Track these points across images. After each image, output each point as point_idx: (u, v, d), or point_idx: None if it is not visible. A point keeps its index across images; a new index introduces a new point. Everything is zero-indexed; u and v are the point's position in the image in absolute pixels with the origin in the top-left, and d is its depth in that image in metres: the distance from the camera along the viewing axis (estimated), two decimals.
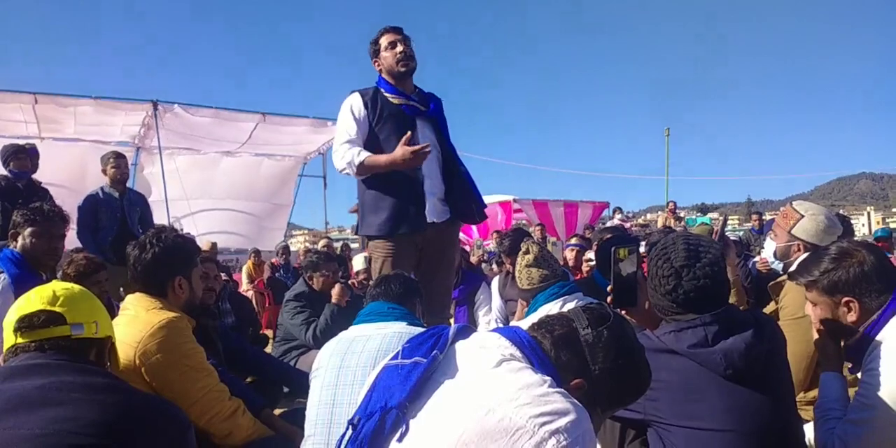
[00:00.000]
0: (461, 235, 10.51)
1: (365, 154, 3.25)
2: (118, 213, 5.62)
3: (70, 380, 1.40)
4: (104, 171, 5.74)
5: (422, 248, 3.46)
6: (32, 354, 1.47)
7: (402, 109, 3.36)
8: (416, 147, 3.09)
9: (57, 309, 1.53)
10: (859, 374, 1.83)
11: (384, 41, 3.38)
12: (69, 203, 5.38)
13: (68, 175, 9.23)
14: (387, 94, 3.38)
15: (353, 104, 3.38)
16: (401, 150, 3.11)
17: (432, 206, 3.37)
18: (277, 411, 2.97)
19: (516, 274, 3.02)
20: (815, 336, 1.99)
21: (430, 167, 3.35)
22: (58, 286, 1.62)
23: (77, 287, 1.67)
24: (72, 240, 5.60)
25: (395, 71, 3.35)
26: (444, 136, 3.49)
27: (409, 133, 3.16)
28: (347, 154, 3.28)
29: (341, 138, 3.36)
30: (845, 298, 1.83)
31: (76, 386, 1.39)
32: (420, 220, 3.31)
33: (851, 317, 1.83)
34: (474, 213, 3.56)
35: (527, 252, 2.95)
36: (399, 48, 3.33)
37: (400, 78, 3.39)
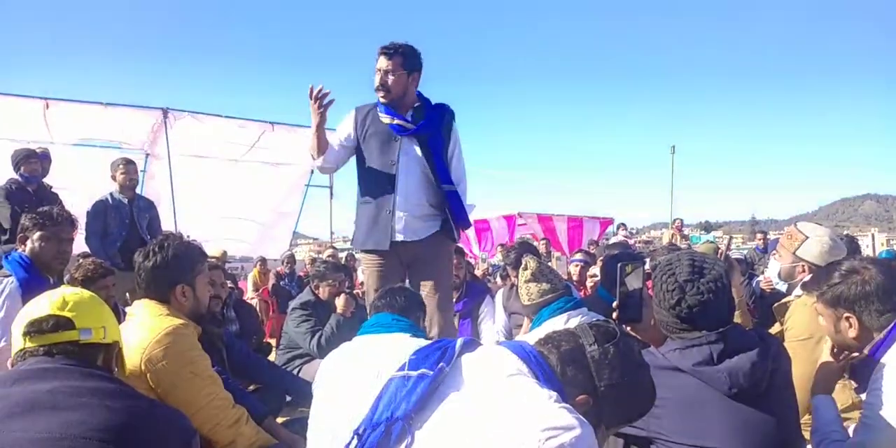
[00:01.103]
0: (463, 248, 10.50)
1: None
2: (127, 219, 5.65)
3: (78, 385, 1.41)
4: (114, 177, 5.78)
5: (408, 264, 3.50)
6: (41, 358, 1.48)
7: (391, 128, 3.40)
8: (315, 92, 3.21)
9: (66, 314, 1.54)
10: (863, 396, 1.83)
11: (376, 63, 3.36)
12: (78, 208, 5.42)
13: (78, 180, 9.28)
14: (379, 113, 3.42)
15: (347, 119, 3.53)
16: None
17: (404, 224, 3.38)
18: (280, 420, 2.97)
19: (518, 290, 3.02)
20: (827, 357, 2.00)
21: (406, 184, 3.38)
22: (67, 291, 1.62)
23: (87, 293, 1.68)
24: (80, 245, 5.64)
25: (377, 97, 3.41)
26: (431, 152, 3.41)
27: (310, 85, 3.25)
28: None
29: None
30: (845, 314, 1.86)
31: (84, 391, 1.39)
32: (383, 239, 3.37)
33: (852, 332, 1.85)
34: (452, 234, 3.54)
35: (525, 268, 2.93)
36: (378, 77, 3.33)
37: (386, 104, 3.40)
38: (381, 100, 3.38)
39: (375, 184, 3.43)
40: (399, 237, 3.39)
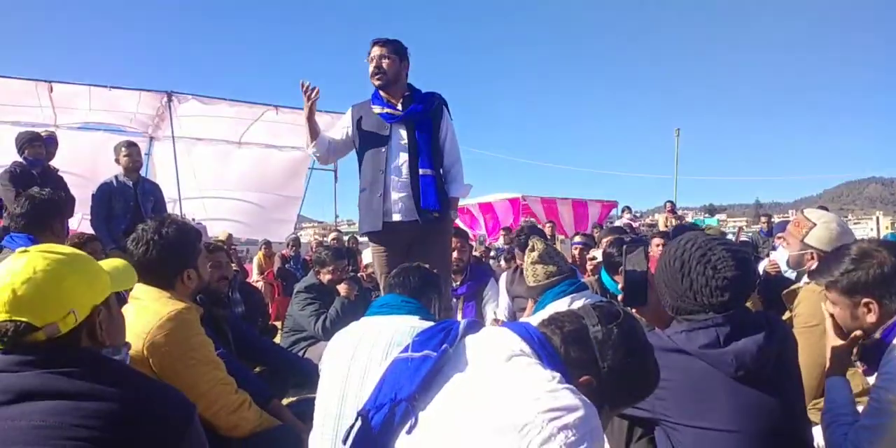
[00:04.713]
0: (468, 231, 10.50)
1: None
2: (132, 202, 5.65)
3: (68, 370, 1.32)
4: (117, 160, 5.78)
5: (409, 245, 3.59)
6: (17, 355, 1.33)
7: (381, 117, 3.62)
8: (305, 86, 3.55)
9: (22, 318, 1.31)
10: (871, 379, 1.82)
11: (369, 54, 3.58)
12: (82, 191, 5.42)
13: (81, 163, 9.27)
14: (372, 105, 3.66)
15: (344, 117, 3.86)
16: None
17: (400, 205, 3.55)
18: (286, 401, 2.99)
19: (524, 271, 3.02)
20: (830, 334, 1.98)
21: (397, 167, 3.54)
22: (17, 278, 1.33)
23: (38, 267, 1.35)
24: (86, 228, 5.64)
25: (373, 83, 3.59)
26: (416, 137, 3.57)
27: (301, 81, 3.61)
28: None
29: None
30: (864, 299, 1.82)
31: (74, 374, 1.31)
32: (376, 220, 3.56)
33: (871, 318, 1.82)
34: (424, 218, 3.56)
35: (532, 249, 2.93)
36: (373, 63, 3.55)
37: (381, 87, 3.60)
38: (377, 83, 3.56)
39: (370, 170, 3.62)
40: (396, 217, 3.55)
